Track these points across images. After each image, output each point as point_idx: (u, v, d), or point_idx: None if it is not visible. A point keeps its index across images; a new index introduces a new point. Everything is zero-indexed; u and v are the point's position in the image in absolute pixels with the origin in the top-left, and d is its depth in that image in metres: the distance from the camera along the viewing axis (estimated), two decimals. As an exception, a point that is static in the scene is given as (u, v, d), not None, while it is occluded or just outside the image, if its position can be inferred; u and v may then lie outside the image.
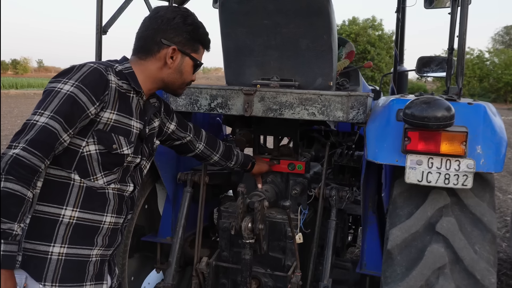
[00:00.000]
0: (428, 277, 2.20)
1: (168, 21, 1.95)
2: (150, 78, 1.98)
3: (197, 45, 2.04)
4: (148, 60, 1.96)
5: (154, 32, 1.95)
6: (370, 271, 2.83)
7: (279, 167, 2.86)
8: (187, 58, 2.01)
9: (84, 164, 1.79)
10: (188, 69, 2.04)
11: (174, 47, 1.95)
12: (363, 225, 2.85)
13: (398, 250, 2.31)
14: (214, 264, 2.88)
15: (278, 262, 2.85)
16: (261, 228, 2.56)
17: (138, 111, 1.96)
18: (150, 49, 1.95)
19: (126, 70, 1.92)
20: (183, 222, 2.93)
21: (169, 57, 1.95)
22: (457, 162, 2.20)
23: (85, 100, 1.72)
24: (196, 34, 2.01)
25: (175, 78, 2.02)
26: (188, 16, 1.99)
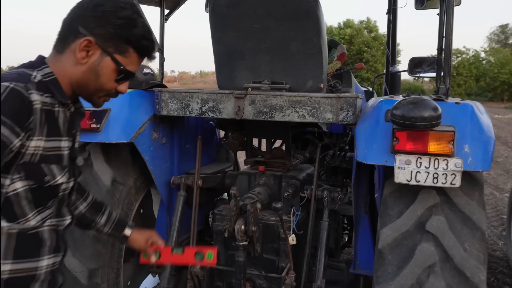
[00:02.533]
0: (418, 275, 2.22)
1: (93, 7, 1.57)
2: (66, 78, 1.60)
3: (125, 47, 1.61)
4: (65, 53, 1.60)
5: (74, 16, 1.59)
6: (363, 271, 2.86)
7: (181, 258, 2.10)
8: (107, 59, 1.59)
9: (10, 206, 1.47)
10: (107, 73, 1.61)
11: (90, 38, 1.55)
12: (356, 225, 2.88)
13: (389, 249, 2.33)
14: (209, 267, 2.90)
15: (272, 263, 2.87)
16: (254, 230, 2.58)
17: (66, 126, 1.62)
18: (66, 38, 1.59)
19: (46, 77, 1.56)
20: (177, 225, 2.95)
21: (81, 49, 1.56)
22: (445, 161, 2.23)
23: (6, 133, 1.37)
24: (127, 33, 1.59)
25: (88, 79, 1.61)
26: (123, 8, 1.59)
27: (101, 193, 2.79)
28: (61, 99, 1.56)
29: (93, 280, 2.76)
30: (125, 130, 2.72)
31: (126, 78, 1.66)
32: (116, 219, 2.09)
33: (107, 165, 2.83)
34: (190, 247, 2.24)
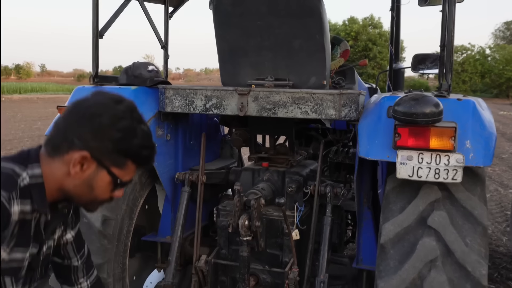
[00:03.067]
0: (420, 269, 2.25)
1: (90, 118, 1.47)
2: (55, 184, 1.52)
3: (123, 160, 1.53)
4: (56, 159, 1.51)
5: (69, 124, 1.50)
6: (366, 265, 2.89)
7: None
8: (103, 172, 1.52)
9: None
10: (102, 186, 1.54)
11: (85, 154, 1.47)
12: (358, 221, 2.91)
13: (391, 244, 2.36)
14: (213, 262, 2.94)
15: (276, 258, 2.90)
16: (258, 226, 2.61)
17: (38, 233, 1.56)
18: (59, 146, 1.50)
19: (34, 180, 1.48)
20: (182, 221, 2.98)
21: (75, 165, 1.48)
22: (447, 157, 2.26)
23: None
24: (126, 146, 1.51)
25: (82, 192, 1.55)
26: (122, 118, 1.50)
27: None
28: (39, 208, 1.49)
29: (99, 274, 2.79)
30: None
31: (122, 187, 1.61)
32: None
33: None
34: None
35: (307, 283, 2.77)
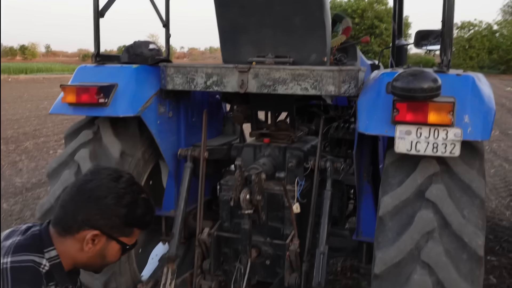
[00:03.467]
0: (417, 241, 2.30)
1: (96, 200, 1.62)
2: (70, 259, 1.68)
3: (130, 229, 1.71)
4: (68, 239, 1.65)
5: (76, 207, 1.64)
6: (366, 238, 2.95)
7: None
8: (113, 243, 1.70)
9: None
10: (113, 253, 1.73)
11: (96, 232, 1.64)
12: (358, 194, 2.96)
13: (390, 216, 2.41)
14: (216, 234, 3.01)
15: (277, 231, 2.97)
16: (259, 199, 2.67)
17: None
18: (70, 227, 1.65)
19: (53, 262, 1.63)
20: (185, 195, 3.04)
21: (88, 242, 1.64)
22: (445, 131, 2.29)
23: None
24: (131, 218, 1.68)
25: (95, 262, 1.73)
26: (125, 194, 1.65)
27: (111, 164, 2.88)
28: (61, 285, 1.65)
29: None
30: (132, 104, 2.80)
31: (131, 249, 1.79)
32: None
33: (115, 138, 2.92)
34: None
35: (307, 254, 2.83)
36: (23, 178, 7.75)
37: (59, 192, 2.89)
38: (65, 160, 2.97)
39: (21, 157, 9.18)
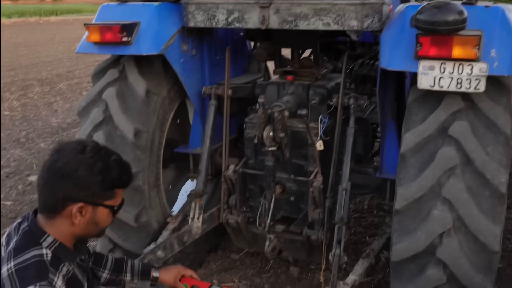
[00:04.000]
0: (439, 177, 2.31)
1: (69, 175, 1.65)
2: (67, 235, 1.74)
3: (112, 191, 1.75)
4: (57, 218, 1.70)
5: (53, 187, 1.66)
6: (389, 175, 2.97)
7: None
8: (100, 209, 1.74)
9: None
10: (104, 218, 1.78)
11: (80, 205, 1.68)
12: (382, 132, 2.95)
13: (411, 153, 2.41)
14: (241, 171, 3.08)
15: (301, 168, 3.02)
16: (282, 137, 2.70)
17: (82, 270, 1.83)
18: (54, 207, 1.68)
19: (53, 247, 1.69)
20: (210, 133, 3.09)
21: (75, 215, 1.68)
22: (470, 66, 2.23)
23: None
24: (109, 182, 1.72)
25: (90, 230, 1.78)
26: (95, 163, 1.68)
27: (137, 103, 2.94)
28: (72, 261, 1.73)
29: (135, 182, 2.99)
30: (155, 42, 2.81)
31: (120, 208, 1.83)
32: (140, 268, 2.26)
33: (140, 76, 2.96)
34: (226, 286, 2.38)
35: (331, 191, 2.88)
36: (59, 119, 7.97)
37: (89, 130, 2.99)
38: (94, 98, 3.05)
39: (56, 98, 9.40)
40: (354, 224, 4.20)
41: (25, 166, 5.92)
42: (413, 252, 2.34)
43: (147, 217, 3.12)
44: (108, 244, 3.26)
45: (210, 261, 3.79)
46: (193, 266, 3.63)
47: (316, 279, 3.47)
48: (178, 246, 2.99)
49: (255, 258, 3.79)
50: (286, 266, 3.68)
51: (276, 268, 3.68)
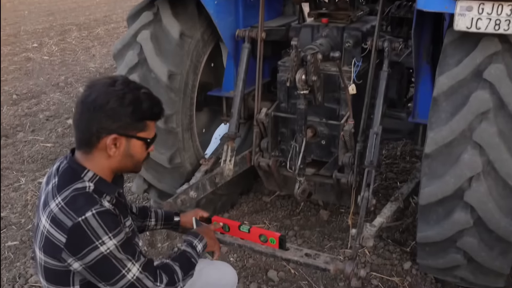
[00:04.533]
0: (471, 121, 2.29)
1: (101, 107, 1.70)
2: (105, 169, 1.80)
3: (143, 123, 1.79)
4: (94, 152, 1.77)
5: (87, 121, 1.72)
6: (422, 120, 2.94)
7: (246, 235, 2.38)
8: (133, 140, 1.78)
9: None
10: (138, 150, 1.82)
11: (114, 136, 1.73)
12: (416, 75, 2.91)
13: (444, 97, 2.38)
14: (273, 114, 3.10)
15: (333, 112, 3.02)
16: (314, 80, 2.69)
17: (122, 203, 1.94)
18: (90, 141, 1.75)
19: (93, 180, 1.77)
20: (243, 76, 3.11)
21: (110, 147, 1.74)
22: (510, 7, 2.16)
23: (123, 233, 1.75)
24: (139, 113, 1.76)
25: (126, 163, 1.83)
26: (125, 94, 1.72)
27: (171, 45, 2.97)
28: (112, 193, 1.81)
29: (169, 124, 3.06)
30: None
31: (153, 142, 1.87)
32: (163, 215, 2.36)
33: (175, 19, 2.98)
34: (256, 227, 2.43)
35: (362, 135, 2.88)
36: (96, 63, 8.11)
37: (125, 73, 3.05)
38: (128, 41, 3.09)
39: (94, 43, 9.52)
40: (385, 170, 4.22)
41: (64, 109, 6.10)
42: (441, 195, 2.36)
43: (181, 159, 3.21)
44: (143, 184, 3.39)
45: (242, 203, 3.90)
46: (225, 207, 3.76)
47: (345, 222, 3.54)
48: (210, 187, 3.08)
49: (286, 201, 3.88)
50: (316, 209, 3.76)
51: (306, 211, 3.77)
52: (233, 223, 2.43)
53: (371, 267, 3.07)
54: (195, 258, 2.03)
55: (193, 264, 2.01)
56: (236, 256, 3.28)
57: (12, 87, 6.91)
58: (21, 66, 8.03)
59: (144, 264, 1.78)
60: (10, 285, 3.01)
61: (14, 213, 3.90)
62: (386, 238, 3.36)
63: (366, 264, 3.10)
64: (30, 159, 4.83)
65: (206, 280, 2.42)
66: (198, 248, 2.08)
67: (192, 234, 2.14)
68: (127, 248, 1.74)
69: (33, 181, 4.36)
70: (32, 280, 3.03)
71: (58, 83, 7.09)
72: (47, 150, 4.99)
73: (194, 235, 2.13)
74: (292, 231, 3.49)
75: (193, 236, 2.11)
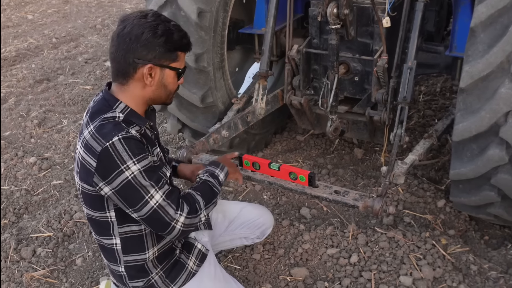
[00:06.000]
0: (509, 53, 2.16)
1: (136, 39, 1.79)
2: (139, 100, 1.91)
3: (175, 54, 1.89)
4: (130, 83, 1.87)
5: (124, 52, 1.81)
6: (460, 53, 2.81)
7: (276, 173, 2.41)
8: (167, 70, 1.89)
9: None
10: (171, 80, 1.93)
11: (149, 65, 1.83)
12: (454, 4, 2.76)
13: (482, 27, 2.25)
14: (304, 51, 3.03)
15: (366, 46, 2.92)
16: (346, 14, 2.58)
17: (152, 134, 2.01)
18: (127, 72, 1.85)
19: (125, 112, 1.87)
20: (274, 12, 3.01)
21: (147, 76, 1.85)
22: None
23: (148, 160, 1.82)
24: (171, 44, 1.85)
25: (160, 93, 1.93)
26: (157, 26, 1.81)
27: None
28: (142, 125, 1.89)
29: (200, 63, 3.05)
30: None
31: (184, 72, 1.97)
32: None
33: None
34: (286, 166, 2.41)
35: (396, 70, 2.79)
36: (132, 4, 8.10)
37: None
38: None
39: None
40: (423, 107, 4.11)
41: (102, 52, 6.16)
42: (475, 131, 2.28)
43: (213, 98, 3.21)
44: (177, 124, 3.43)
45: (276, 142, 3.91)
46: (259, 146, 3.78)
47: (379, 160, 3.51)
48: (242, 126, 3.08)
49: (320, 140, 3.86)
50: (350, 148, 3.73)
51: (340, 149, 3.74)
52: (263, 161, 2.44)
53: (404, 205, 3.05)
54: (217, 187, 2.09)
55: (215, 193, 2.07)
56: (269, 194, 3.32)
57: (51, 31, 7.01)
58: (59, 9, 8.11)
59: (168, 192, 1.86)
60: (56, 220, 3.16)
61: (58, 154, 4.05)
62: (421, 176, 3.32)
63: (399, 201, 3.08)
64: (71, 101, 4.96)
65: (247, 216, 2.55)
66: (221, 177, 2.16)
67: (213, 164, 2.21)
68: (152, 175, 1.83)
69: (74, 122, 4.49)
70: (77, 216, 3.17)
71: (96, 25, 7.14)
72: (87, 92, 5.09)
73: (215, 165, 2.19)
74: (325, 170, 3.49)
75: (214, 166, 2.18)
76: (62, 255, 2.91)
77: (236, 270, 2.69)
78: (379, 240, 2.72)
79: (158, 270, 2.06)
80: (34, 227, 3.13)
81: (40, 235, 3.06)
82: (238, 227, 2.57)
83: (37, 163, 3.86)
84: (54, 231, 3.08)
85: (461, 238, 2.83)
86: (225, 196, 3.34)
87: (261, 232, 2.63)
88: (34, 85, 5.37)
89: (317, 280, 2.58)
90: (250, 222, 2.58)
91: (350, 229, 2.84)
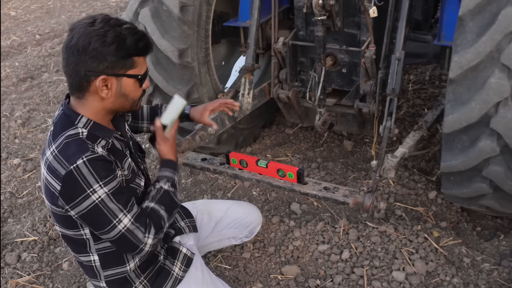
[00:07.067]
0: (498, 42, 2.11)
1: (84, 50, 1.63)
2: (101, 112, 1.78)
3: (130, 60, 1.71)
4: (86, 97, 1.73)
5: (74, 66, 1.66)
6: (448, 42, 2.75)
7: (264, 170, 2.35)
8: (124, 79, 1.73)
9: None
10: (131, 89, 1.77)
11: (103, 77, 1.67)
12: (442, -7, 2.70)
13: (471, 16, 2.20)
14: (291, 43, 2.96)
15: (353, 37, 2.86)
16: (332, 4, 2.52)
17: (122, 144, 1.89)
18: (81, 85, 1.70)
19: (88, 126, 1.75)
20: (258, 4, 2.94)
21: (101, 88, 1.70)
22: None
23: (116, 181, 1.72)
24: (124, 50, 1.68)
25: (122, 103, 1.79)
26: (106, 33, 1.64)
27: None
28: (108, 138, 1.78)
29: (184, 59, 2.97)
30: None
31: (145, 77, 1.81)
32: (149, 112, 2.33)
33: None
34: (274, 163, 2.34)
35: (384, 61, 2.73)
36: (117, -2, 7.97)
37: (136, 7, 2.97)
38: None
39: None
40: (413, 96, 4.07)
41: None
42: (466, 123, 2.23)
43: (198, 94, 3.14)
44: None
45: (265, 136, 3.85)
46: (248, 141, 3.72)
47: (369, 153, 3.46)
48: (229, 122, 3.01)
49: (309, 133, 3.81)
50: (340, 140, 3.68)
51: (329, 142, 3.69)
52: (250, 159, 2.39)
53: (395, 197, 3.01)
54: (177, 196, 2.00)
55: (176, 204, 1.98)
56: (258, 190, 3.27)
57: (35, 27, 6.89)
58: (43, 4, 7.99)
59: (137, 215, 1.77)
60: (42, 224, 3.09)
61: (42, 154, 3.97)
62: (412, 167, 3.27)
63: (390, 194, 3.04)
64: (56, 99, 4.87)
65: (233, 216, 2.48)
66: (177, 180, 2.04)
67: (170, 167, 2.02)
68: (120, 197, 1.72)
69: (58, 121, 4.40)
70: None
71: (80, 20, 7.02)
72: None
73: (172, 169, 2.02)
74: (315, 163, 3.44)
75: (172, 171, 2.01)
76: (48, 260, 2.85)
77: (226, 270, 2.64)
78: (371, 235, 2.68)
79: (142, 279, 1.99)
80: (19, 231, 3.06)
81: (25, 239, 2.99)
82: (225, 227, 2.50)
83: (22, 165, 3.79)
84: (40, 235, 3.02)
85: (453, 230, 2.79)
86: (214, 193, 3.28)
87: (249, 231, 2.58)
88: (18, 84, 5.27)
89: (309, 278, 2.54)
90: (237, 221, 2.51)
91: (341, 224, 2.80)
